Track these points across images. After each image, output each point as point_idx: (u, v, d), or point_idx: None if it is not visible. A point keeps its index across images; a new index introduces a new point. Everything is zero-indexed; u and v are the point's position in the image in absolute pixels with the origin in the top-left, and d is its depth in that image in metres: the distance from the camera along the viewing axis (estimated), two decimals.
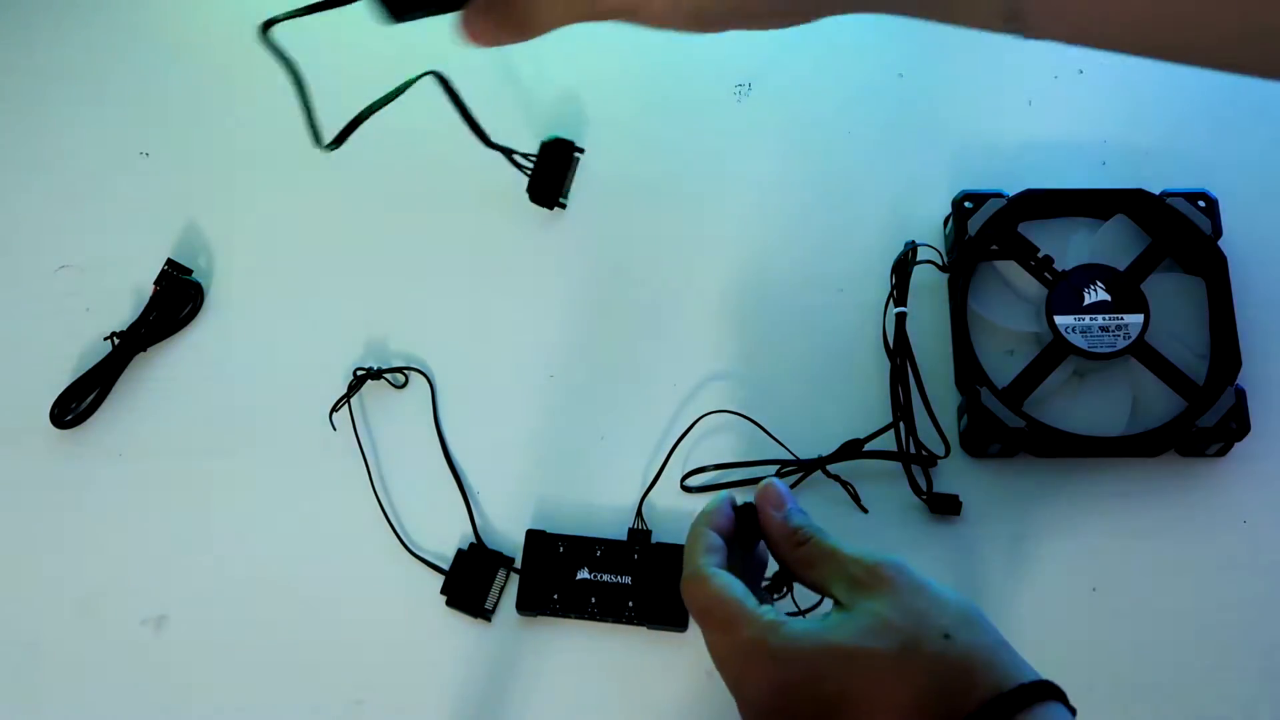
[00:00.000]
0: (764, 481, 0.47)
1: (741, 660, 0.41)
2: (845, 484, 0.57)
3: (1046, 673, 0.42)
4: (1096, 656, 0.54)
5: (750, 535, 0.46)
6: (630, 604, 0.56)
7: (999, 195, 0.60)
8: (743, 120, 0.67)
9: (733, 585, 0.42)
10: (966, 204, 0.60)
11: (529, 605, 0.56)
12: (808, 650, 0.39)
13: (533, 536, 0.57)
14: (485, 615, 0.57)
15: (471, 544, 0.58)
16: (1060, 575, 0.56)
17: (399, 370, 0.61)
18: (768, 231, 0.64)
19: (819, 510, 0.57)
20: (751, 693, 0.41)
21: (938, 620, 0.39)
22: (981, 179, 0.62)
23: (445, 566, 0.57)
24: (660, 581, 0.56)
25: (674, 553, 0.56)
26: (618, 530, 0.58)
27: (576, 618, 0.56)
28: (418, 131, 0.68)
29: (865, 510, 0.57)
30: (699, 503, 0.57)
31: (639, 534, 0.57)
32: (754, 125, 0.67)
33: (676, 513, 0.58)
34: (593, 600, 0.56)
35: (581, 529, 0.58)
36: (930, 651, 0.38)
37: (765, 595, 0.45)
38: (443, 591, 0.57)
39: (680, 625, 0.55)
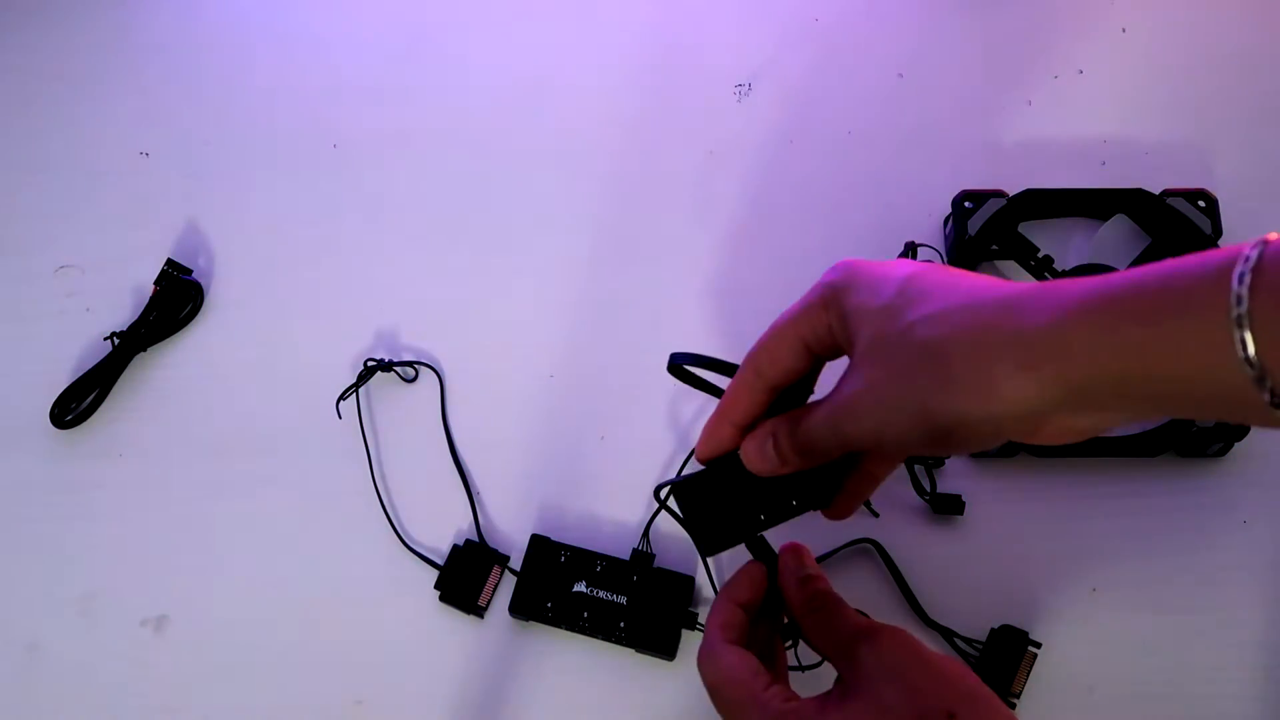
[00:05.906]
0: (784, 545, 0.46)
1: None
2: None
3: (1046, 672, 0.41)
4: (1096, 656, 0.54)
5: (778, 596, 0.46)
6: (622, 624, 0.55)
7: (999, 195, 0.60)
8: (742, 120, 0.67)
9: (741, 665, 0.42)
10: (966, 204, 0.60)
11: (522, 610, 0.56)
12: None
13: (536, 542, 0.57)
14: (478, 612, 0.56)
15: (467, 540, 0.58)
16: (1060, 575, 0.56)
17: (410, 364, 0.61)
18: (767, 232, 0.64)
19: None
20: None
21: (941, 701, 0.39)
22: (981, 179, 0.62)
23: (441, 562, 0.58)
24: (655, 607, 0.55)
25: (674, 580, 0.56)
26: (620, 545, 0.57)
27: (567, 629, 0.55)
28: (413, 133, 0.69)
29: (876, 515, 0.57)
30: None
31: (642, 556, 0.57)
32: (753, 125, 0.67)
33: (683, 540, 0.57)
34: (585, 615, 0.55)
35: (583, 538, 0.57)
36: None
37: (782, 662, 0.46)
38: (436, 586, 0.57)
39: (668, 654, 0.55)
